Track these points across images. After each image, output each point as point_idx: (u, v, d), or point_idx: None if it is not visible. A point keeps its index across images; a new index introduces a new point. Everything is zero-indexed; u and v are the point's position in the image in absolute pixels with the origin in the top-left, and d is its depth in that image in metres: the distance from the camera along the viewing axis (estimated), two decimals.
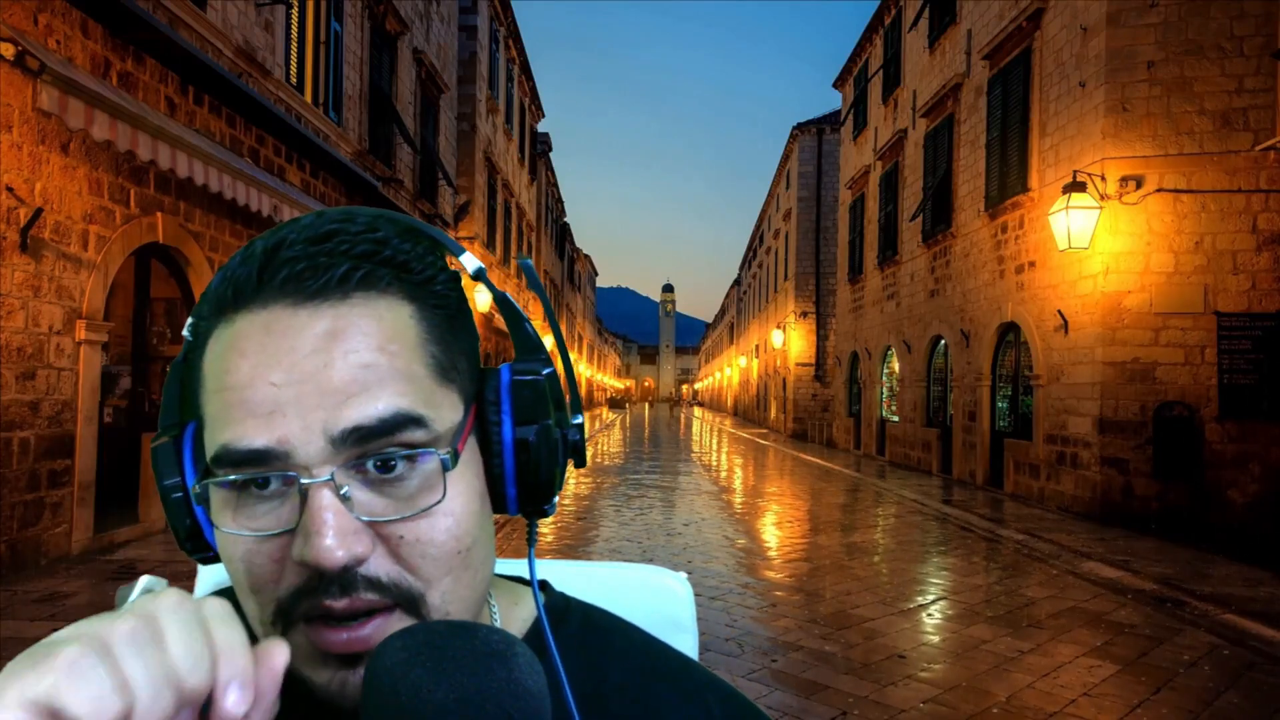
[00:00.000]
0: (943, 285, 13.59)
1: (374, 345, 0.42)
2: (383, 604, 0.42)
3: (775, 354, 29.57)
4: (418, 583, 0.42)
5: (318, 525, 0.40)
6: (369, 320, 0.43)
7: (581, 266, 52.26)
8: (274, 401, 0.41)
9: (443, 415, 0.44)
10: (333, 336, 0.42)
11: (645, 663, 0.53)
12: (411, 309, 0.45)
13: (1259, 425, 8.43)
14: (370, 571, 0.41)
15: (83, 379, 6.05)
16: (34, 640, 0.71)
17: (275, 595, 0.42)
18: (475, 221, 18.02)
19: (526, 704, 0.37)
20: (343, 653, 0.42)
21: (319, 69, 10.40)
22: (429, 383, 0.44)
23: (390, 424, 0.41)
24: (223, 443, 0.42)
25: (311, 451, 0.41)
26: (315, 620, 0.41)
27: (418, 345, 0.44)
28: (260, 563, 0.42)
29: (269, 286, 0.43)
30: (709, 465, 17.09)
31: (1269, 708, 3.85)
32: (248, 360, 0.42)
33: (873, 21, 17.99)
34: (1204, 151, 8.62)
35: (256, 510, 0.42)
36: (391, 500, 0.42)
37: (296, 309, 0.43)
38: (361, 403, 0.41)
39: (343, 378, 0.41)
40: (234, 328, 0.43)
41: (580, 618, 0.55)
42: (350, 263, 0.43)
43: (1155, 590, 5.84)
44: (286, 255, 0.43)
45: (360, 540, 0.41)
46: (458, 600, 0.44)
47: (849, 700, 3.73)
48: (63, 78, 5.05)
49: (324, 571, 0.40)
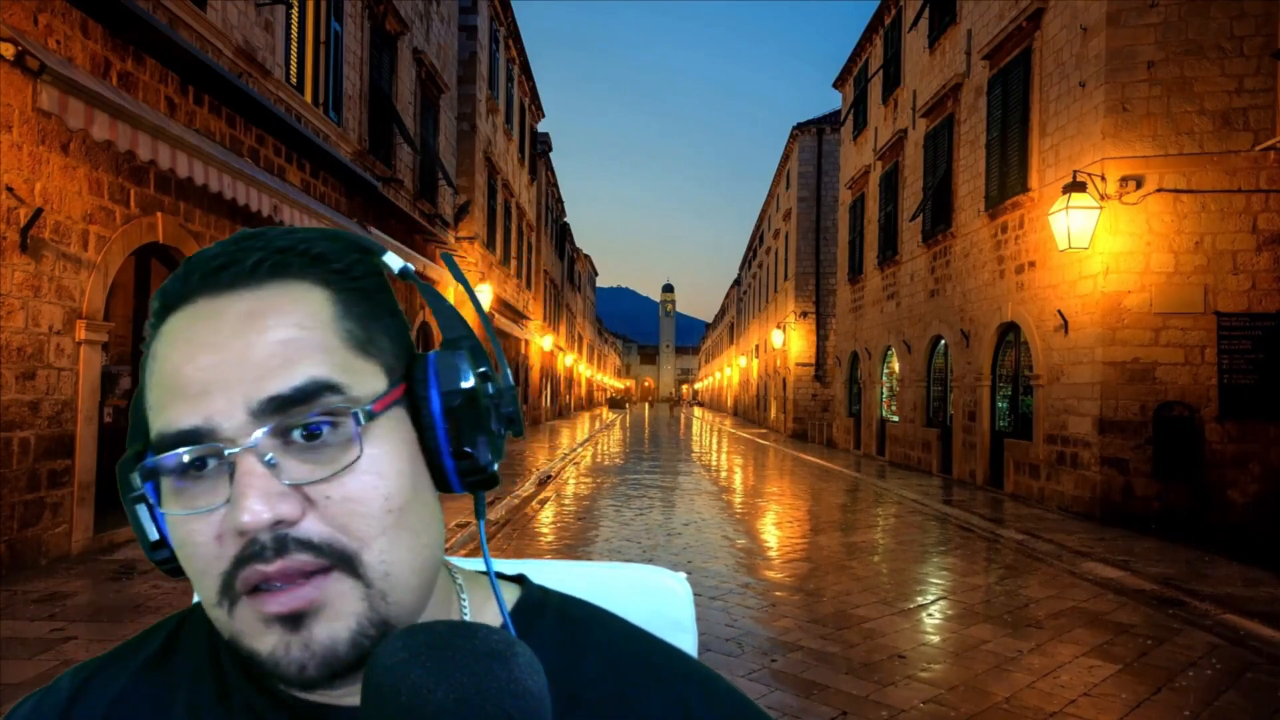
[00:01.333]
0: (943, 285, 13.59)
1: (290, 323, 0.45)
2: (317, 565, 0.43)
3: (775, 354, 29.58)
4: (351, 542, 0.43)
5: (244, 490, 0.41)
6: (284, 301, 0.46)
7: (581, 266, 52.25)
8: (201, 383, 0.43)
9: (362, 382, 0.46)
10: (251, 317, 0.45)
11: (624, 655, 0.52)
12: (326, 293, 0.47)
13: (1259, 425, 8.43)
14: (302, 533, 0.42)
15: (83, 379, 6.05)
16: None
17: (219, 572, 0.43)
18: (475, 221, 18.02)
19: (526, 704, 0.37)
20: (280, 613, 0.42)
21: (319, 69, 10.40)
22: (345, 354, 0.46)
23: (307, 391, 0.43)
24: (158, 429, 0.44)
25: (235, 424, 0.43)
26: (255, 591, 0.42)
27: (332, 321, 0.46)
28: (202, 541, 0.43)
29: (192, 285, 0.46)
30: (709, 465, 17.09)
31: (1269, 708, 3.85)
32: (176, 350, 0.45)
33: (873, 21, 17.99)
34: (1204, 151, 8.62)
35: (197, 492, 0.44)
36: (316, 465, 0.44)
37: (215, 298, 0.46)
38: (280, 374, 0.43)
39: (261, 353, 0.44)
40: (166, 325, 0.47)
41: (557, 611, 0.55)
42: (262, 254, 0.47)
43: (1155, 590, 5.84)
44: (207, 255, 0.47)
45: (287, 501, 0.42)
46: (397, 562, 0.45)
47: (849, 700, 3.73)
48: (63, 78, 5.05)
49: (256, 535, 0.42)
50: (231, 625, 0.43)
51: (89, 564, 5.81)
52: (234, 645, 0.44)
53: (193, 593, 0.53)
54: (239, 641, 0.44)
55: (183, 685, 0.50)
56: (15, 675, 3.66)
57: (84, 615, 4.61)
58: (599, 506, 10.15)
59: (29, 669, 3.73)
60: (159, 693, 0.50)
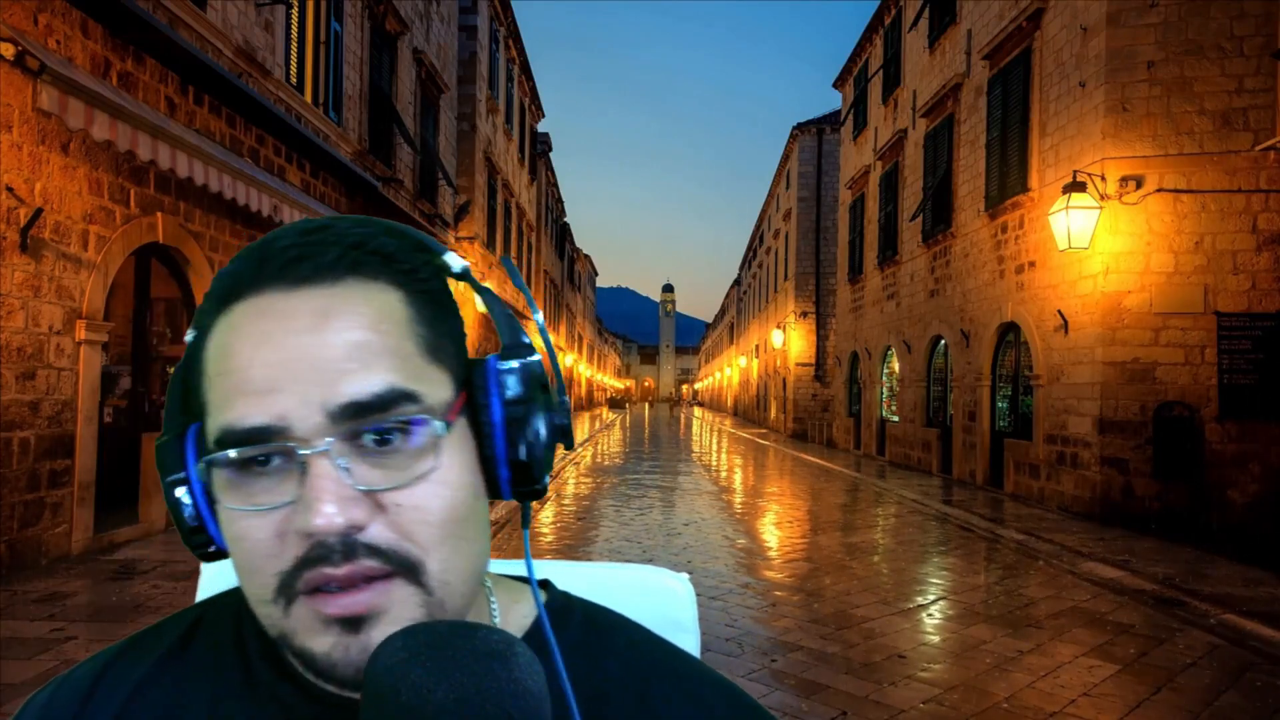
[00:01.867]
0: (943, 285, 13.59)
1: (366, 324, 0.44)
2: (383, 570, 0.43)
3: (775, 354, 29.58)
4: (416, 549, 0.43)
5: (317, 493, 0.41)
6: (360, 301, 0.45)
7: (581, 266, 52.25)
8: (271, 380, 0.43)
9: (434, 391, 0.46)
10: (325, 316, 0.44)
11: (647, 661, 0.53)
12: (399, 294, 0.47)
13: (1259, 425, 8.43)
14: (370, 539, 0.42)
15: (83, 379, 6.05)
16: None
17: (277, 569, 0.43)
18: (475, 221, 18.02)
19: (526, 704, 0.37)
20: (342, 615, 0.42)
21: (319, 69, 10.40)
22: (419, 360, 0.46)
23: (385, 399, 0.43)
24: (224, 424, 0.43)
25: (309, 426, 0.42)
26: (316, 591, 0.42)
27: (406, 325, 0.46)
28: (262, 538, 0.43)
29: (264, 276, 0.45)
30: (709, 465, 17.09)
31: (1269, 708, 3.84)
32: (246, 343, 0.44)
33: (873, 21, 17.99)
34: (1204, 151, 8.62)
35: (257, 487, 0.43)
36: (388, 470, 0.43)
37: (290, 293, 0.45)
38: (357, 378, 0.43)
39: (337, 354, 0.43)
40: (231, 316, 0.45)
41: (582, 616, 0.55)
42: (340, 250, 0.46)
43: (1155, 590, 5.84)
44: (280, 246, 0.46)
45: (359, 507, 0.42)
46: (456, 571, 0.45)
47: (849, 700, 3.73)
48: (63, 78, 5.05)
49: (325, 538, 0.41)
50: (285, 623, 0.43)
51: (89, 564, 5.81)
52: (284, 642, 0.44)
53: (194, 593, 0.53)
54: (290, 639, 0.44)
55: (204, 676, 0.50)
56: (15, 675, 3.66)
57: (84, 615, 4.61)
58: (599, 506, 10.15)
59: (29, 669, 3.73)
60: (179, 683, 0.50)
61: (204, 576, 0.66)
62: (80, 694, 0.50)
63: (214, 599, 0.56)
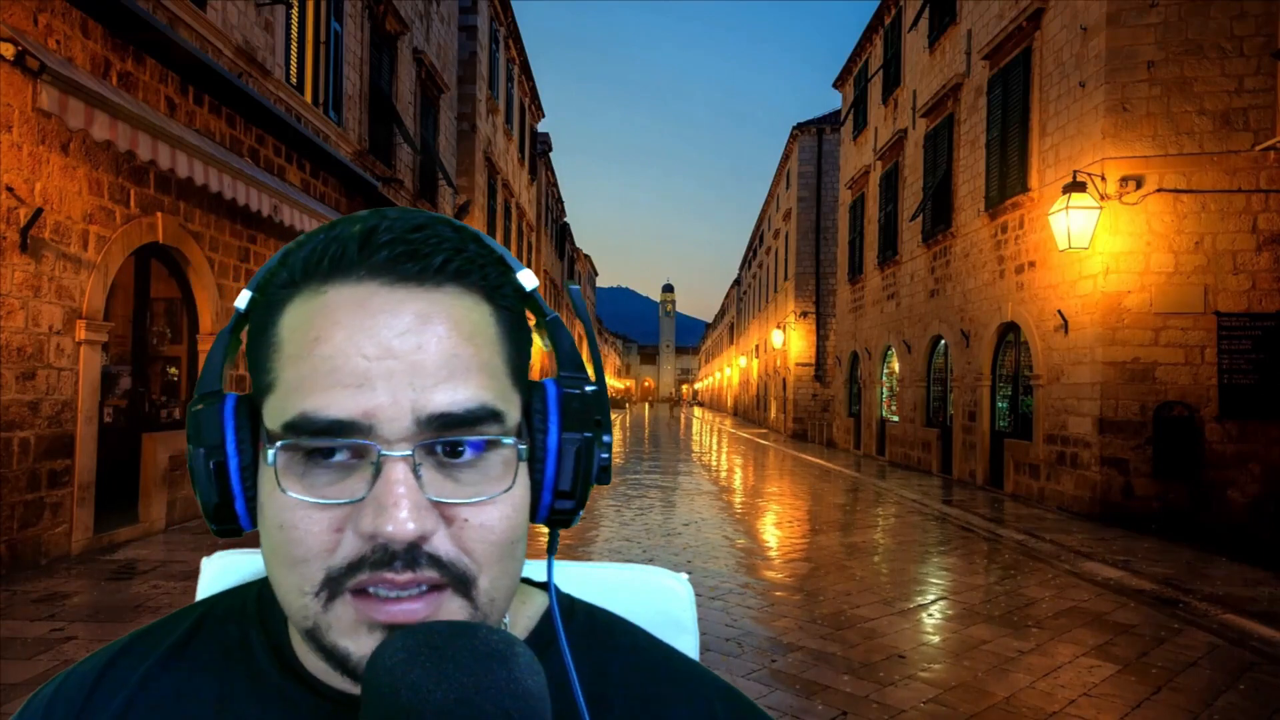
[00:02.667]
0: (943, 285, 13.59)
1: (463, 335, 0.44)
2: (439, 581, 0.42)
3: (775, 354, 29.58)
4: (473, 565, 0.43)
5: (394, 498, 0.41)
6: (459, 310, 0.45)
7: (581, 266, 52.24)
8: (364, 374, 0.42)
9: (513, 411, 0.46)
10: (426, 320, 0.43)
11: (649, 664, 0.53)
12: (490, 308, 0.46)
13: (1259, 425, 8.42)
14: (433, 549, 0.42)
15: (83, 379, 6.05)
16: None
17: (326, 565, 0.42)
18: (475, 221, 18.02)
19: (526, 705, 0.37)
20: (390, 622, 0.42)
21: (319, 69, 10.40)
22: (505, 379, 0.46)
23: (476, 415, 0.43)
24: (304, 409, 0.42)
25: (396, 428, 0.42)
26: (364, 592, 0.42)
27: (497, 342, 0.46)
28: (317, 531, 0.42)
29: (367, 263, 0.44)
30: (709, 465, 17.09)
31: (1269, 708, 3.84)
32: (341, 330, 0.42)
33: (873, 21, 17.99)
34: (1204, 151, 8.62)
35: (320, 479, 0.43)
36: (459, 484, 0.43)
37: (393, 288, 0.43)
38: (450, 389, 0.42)
39: (434, 361, 0.43)
40: (325, 297, 0.44)
41: (585, 618, 0.56)
42: (445, 254, 0.45)
43: (1155, 590, 5.84)
44: (385, 238, 0.44)
45: (430, 517, 0.42)
46: (502, 590, 0.45)
47: (849, 700, 3.73)
48: (63, 78, 5.05)
49: (392, 544, 0.41)
50: (322, 617, 0.43)
51: (89, 564, 5.80)
52: (314, 635, 0.43)
53: (194, 593, 0.53)
54: (323, 633, 0.43)
55: (209, 673, 0.50)
56: (15, 675, 3.66)
57: (84, 615, 4.61)
58: (599, 506, 10.15)
59: (29, 669, 3.73)
60: (184, 680, 0.50)
61: (204, 576, 0.66)
62: (84, 690, 0.50)
63: (216, 598, 0.56)
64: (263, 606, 0.53)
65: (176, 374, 7.91)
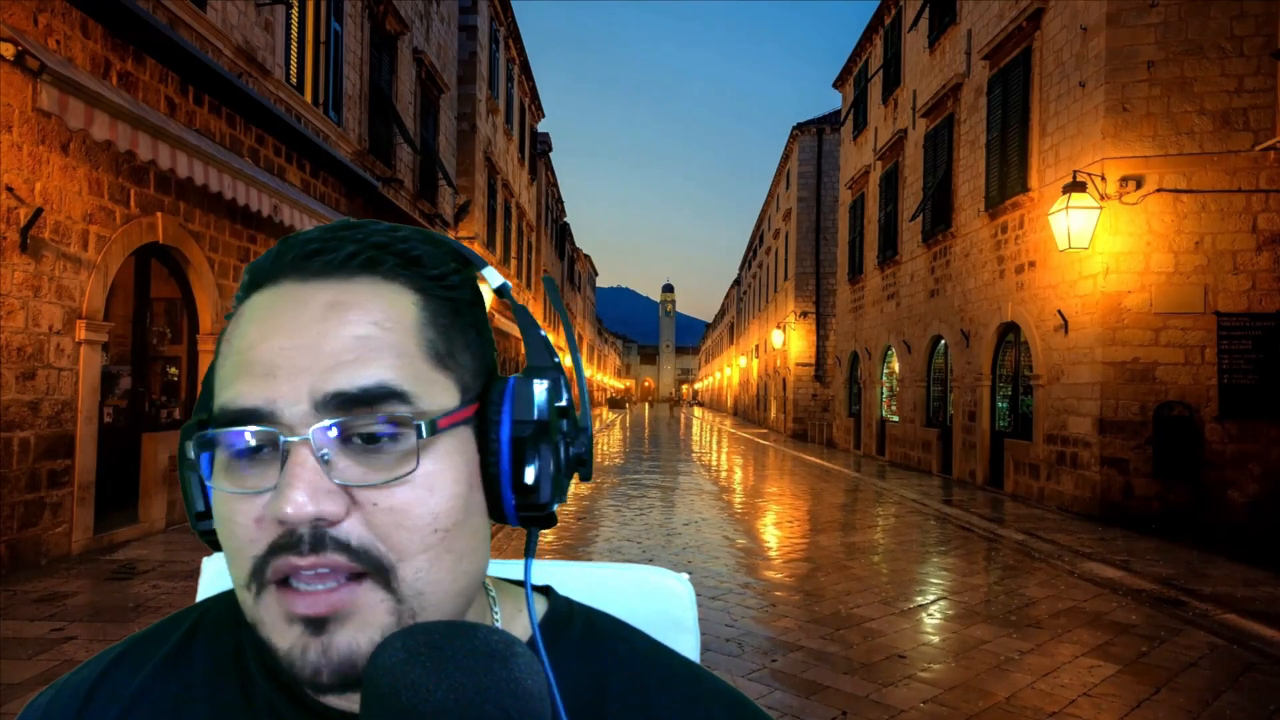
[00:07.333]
0: (943, 285, 13.59)
1: (371, 320, 0.44)
2: (351, 568, 0.42)
3: (775, 354, 29.57)
4: (389, 553, 0.42)
5: (290, 479, 0.41)
6: (369, 297, 0.45)
7: (581, 266, 52.24)
8: (271, 364, 0.43)
9: (432, 395, 0.45)
10: (333, 308, 0.44)
11: (648, 671, 0.53)
12: (415, 297, 0.46)
13: (1259, 425, 8.43)
14: (341, 534, 0.42)
15: (83, 379, 6.05)
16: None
17: (253, 554, 0.43)
18: (475, 221, 18.01)
19: (526, 705, 0.37)
20: (306, 614, 0.42)
21: (319, 69, 10.40)
22: (421, 363, 0.45)
23: (373, 394, 0.43)
24: (222, 402, 0.44)
25: (296, 413, 0.42)
26: (286, 584, 0.42)
27: (415, 328, 0.45)
28: (243, 521, 0.43)
29: (281, 265, 0.46)
30: (709, 465, 17.08)
31: (1269, 708, 3.84)
32: (255, 326, 0.45)
33: (873, 21, 17.99)
34: (1204, 151, 8.62)
35: (247, 473, 0.43)
36: (370, 469, 0.43)
37: (304, 283, 0.45)
38: (350, 371, 0.43)
39: (336, 346, 0.43)
40: (249, 303, 0.47)
41: (583, 624, 0.55)
42: (357, 246, 0.46)
43: (1155, 590, 5.84)
44: (302, 239, 0.47)
45: (333, 500, 0.42)
46: (434, 583, 0.44)
47: (849, 700, 3.73)
48: (63, 78, 5.05)
49: (293, 526, 0.41)
50: (256, 611, 0.43)
51: (89, 564, 5.81)
52: (254, 629, 0.44)
53: (194, 593, 0.53)
54: (259, 628, 0.44)
55: (204, 684, 0.50)
56: (15, 675, 3.66)
57: (84, 615, 4.61)
58: (599, 506, 10.15)
59: (29, 669, 3.73)
60: (179, 690, 0.50)
61: (204, 576, 0.66)
62: (79, 699, 0.50)
63: (210, 601, 0.56)
64: None
65: (176, 374, 7.91)
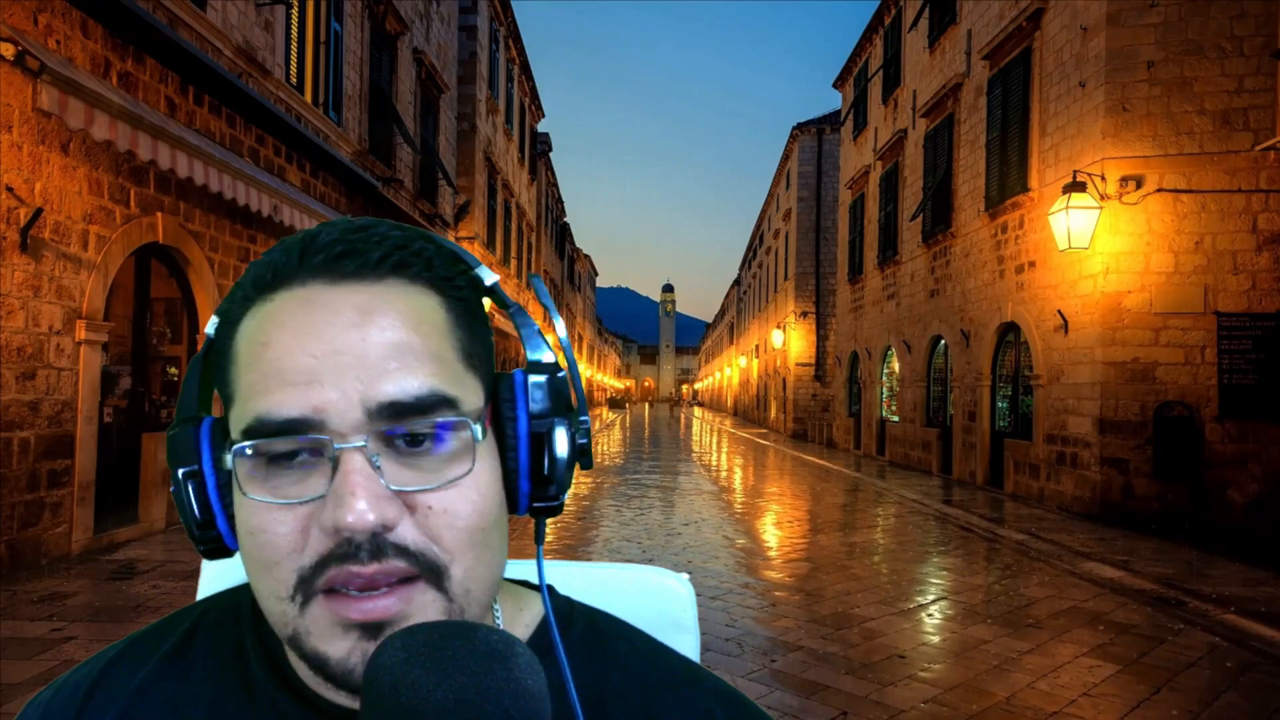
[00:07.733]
0: (943, 285, 13.59)
1: (408, 324, 0.44)
2: (409, 571, 0.42)
3: (775, 354, 29.57)
4: (443, 554, 0.43)
5: (351, 488, 0.41)
6: (402, 301, 0.45)
7: (581, 266, 52.24)
8: (311, 371, 0.42)
9: (470, 397, 0.46)
10: (368, 312, 0.44)
11: (649, 670, 0.53)
12: (438, 299, 0.47)
13: (1259, 425, 8.42)
14: (399, 538, 0.42)
15: (83, 379, 6.05)
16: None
17: (297, 565, 0.42)
18: (475, 221, 18.01)
19: (527, 705, 0.37)
20: (364, 621, 0.42)
21: (319, 69, 10.40)
22: (457, 365, 0.46)
23: (426, 402, 0.43)
24: (258, 412, 0.43)
25: (347, 421, 0.42)
26: (335, 592, 0.42)
27: (446, 330, 0.46)
28: (284, 532, 0.42)
29: (307, 266, 0.45)
30: (709, 465, 17.08)
31: (1269, 708, 3.84)
32: (285, 331, 0.43)
33: (873, 21, 17.99)
34: (1204, 151, 8.62)
35: (283, 480, 0.43)
36: (420, 472, 0.43)
37: (334, 286, 0.44)
38: (398, 378, 0.43)
39: (379, 352, 0.43)
40: (272, 304, 0.45)
41: (584, 623, 0.55)
42: (384, 250, 0.46)
43: (1155, 590, 5.84)
44: (325, 240, 0.46)
45: (391, 505, 0.42)
46: (478, 580, 0.45)
47: (849, 700, 3.73)
48: (63, 78, 5.05)
49: (354, 535, 0.41)
50: (299, 622, 0.43)
51: (89, 564, 5.81)
52: (295, 643, 0.43)
53: (194, 593, 0.53)
54: (302, 639, 0.43)
55: (204, 681, 0.50)
56: (15, 675, 3.66)
57: (84, 615, 4.61)
58: (599, 506, 10.15)
59: (29, 669, 3.73)
60: (179, 688, 0.50)
61: (205, 576, 0.66)
62: (80, 696, 0.50)
63: (210, 600, 0.55)
64: (258, 609, 0.53)
65: (176, 374, 7.91)
